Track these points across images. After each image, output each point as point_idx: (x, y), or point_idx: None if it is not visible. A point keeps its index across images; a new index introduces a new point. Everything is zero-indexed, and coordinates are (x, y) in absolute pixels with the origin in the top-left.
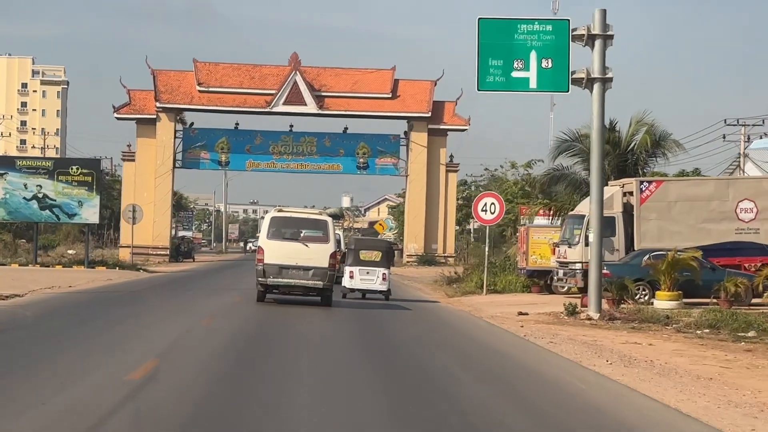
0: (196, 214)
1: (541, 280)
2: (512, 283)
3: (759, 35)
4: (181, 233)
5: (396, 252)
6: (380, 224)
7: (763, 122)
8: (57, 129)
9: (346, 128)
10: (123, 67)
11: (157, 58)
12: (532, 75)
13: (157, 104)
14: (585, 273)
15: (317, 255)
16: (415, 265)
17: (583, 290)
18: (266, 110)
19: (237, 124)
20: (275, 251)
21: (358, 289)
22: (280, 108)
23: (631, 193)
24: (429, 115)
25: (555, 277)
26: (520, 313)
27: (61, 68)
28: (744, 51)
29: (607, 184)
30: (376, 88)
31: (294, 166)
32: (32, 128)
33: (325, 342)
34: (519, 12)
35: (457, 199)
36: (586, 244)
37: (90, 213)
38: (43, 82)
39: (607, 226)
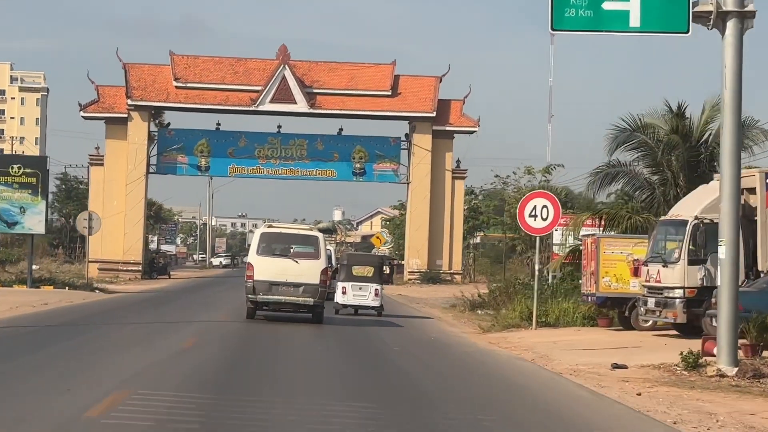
0: (181, 228)
1: (612, 310)
2: (568, 313)
3: None
4: (164, 247)
5: (393, 267)
6: (377, 237)
7: None
8: (36, 138)
9: (340, 129)
10: (108, 76)
11: None
12: (633, 7)
13: (129, 101)
14: (688, 302)
15: (308, 271)
16: (418, 282)
17: (682, 327)
18: (251, 109)
19: (218, 124)
20: (265, 268)
21: (351, 305)
22: (267, 106)
23: (751, 191)
24: (433, 115)
25: (641, 308)
26: (615, 366)
27: (41, 74)
28: None
29: (706, 182)
30: (375, 84)
31: (282, 172)
32: (10, 137)
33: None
34: None
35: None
36: (691, 262)
37: (34, 221)
38: (21, 89)
39: (711, 236)
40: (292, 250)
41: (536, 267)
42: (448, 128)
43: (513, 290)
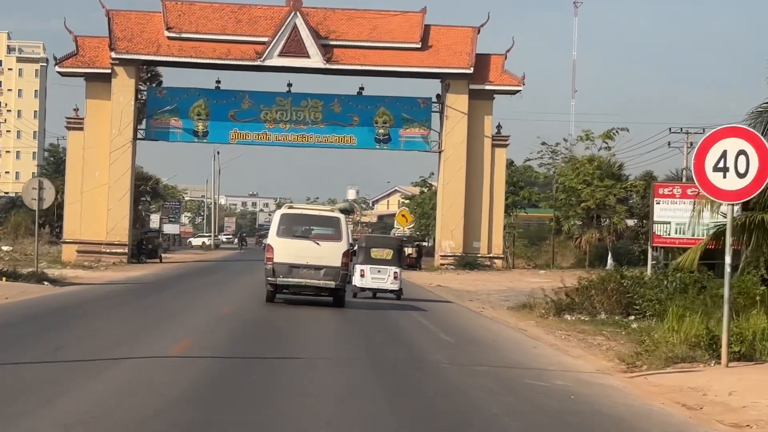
0: (188, 206)
1: None
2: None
3: None
4: (167, 227)
5: (421, 249)
6: (402, 215)
7: None
8: (35, 111)
9: (361, 89)
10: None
11: None
12: None
13: (113, 55)
14: None
15: (329, 254)
16: (452, 268)
17: None
18: (256, 64)
19: (218, 82)
20: (285, 250)
21: (369, 288)
22: (275, 61)
23: None
24: (470, 71)
25: None
26: None
27: (40, 44)
28: None
29: None
30: (402, 36)
31: (293, 138)
32: (7, 109)
33: None
34: None
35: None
36: None
37: None
38: (19, 60)
39: None
40: (313, 232)
41: (728, 260)
42: (487, 87)
43: (616, 288)
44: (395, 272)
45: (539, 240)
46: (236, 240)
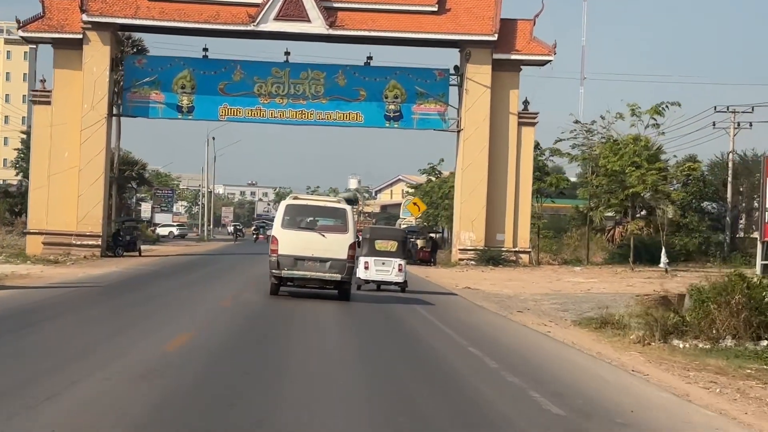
0: (183, 195)
1: None
2: None
3: None
4: (159, 216)
5: (436, 242)
6: (414, 203)
7: None
8: (23, 95)
9: (369, 58)
10: None
11: None
12: None
13: (85, 17)
14: None
15: (335, 246)
16: (473, 264)
17: None
18: (249, 29)
19: (206, 50)
20: (290, 241)
21: (373, 281)
22: (271, 25)
23: None
24: (494, 38)
25: None
26: None
27: None
28: None
29: None
30: None
31: (291, 115)
32: None
33: None
34: None
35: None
36: None
37: None
38: (7, 42)
39: None
40: (318, 224)
41: None
42: (513, 57)
43: (743, 301)
44: (400, 264)
45: (558, 232)
46: (233, 231)
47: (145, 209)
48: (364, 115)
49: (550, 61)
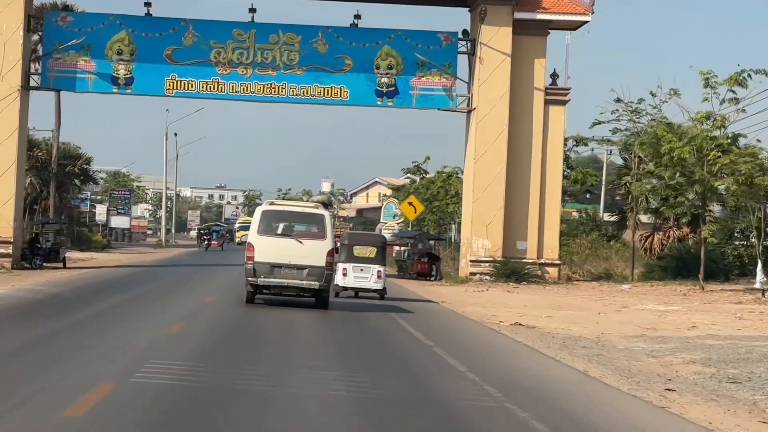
0: (146, 197)
1: None
2: None
3: None
4: (115, 220)
5: (437, 252)
6: (410, 203)
7: None
8: None
9: (357, 18)
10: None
11: None
12: None
13: None
14: None
15: (313, 253)
16: (489, 280)
17: None
18: None
19: (148, 5)
20: (267, 248)
21: (352, 288)
22: None
23: None
24: None
25: None
26: None
27: None
28: None
29: None
30: None
31: (257, 90)
32: None
33: None
34: None
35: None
36: None
37: None
38: None
39: None
40: (295, 230)
41: None
42: (539, 16)
43: None
44: (379, 271)
45: (568, 238)
46: (196, 236)
47: (101, 212)
48: (350, 91)
49: (587, 22)
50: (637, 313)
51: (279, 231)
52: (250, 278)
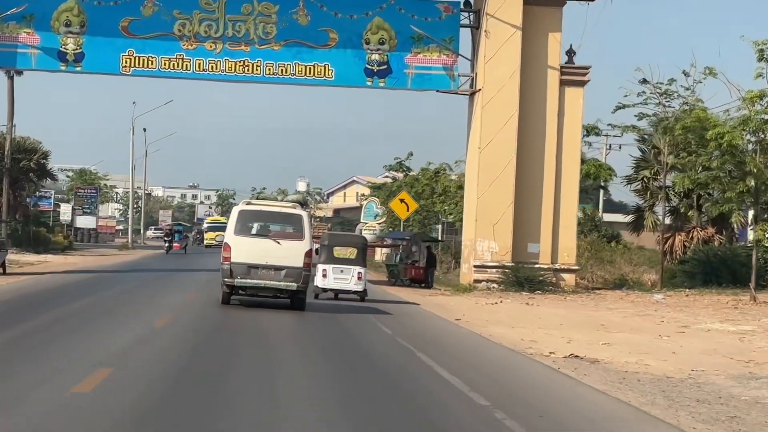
0: (118, 197)
1: None
2: None
3: None
4: (81, 220)
5: (435, 254)
6: (401, 200)
7: None
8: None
9: None
10: None
11: None
12: None
13: None
14: None
15: (290, 253)
16: (497, 288)
17: None
18: None
19: None
20: (243, 249)
21: (331, 289)
22: None
23: None
24: None
25: None
26: None
27: None
28: None
29: None
30: None
31: (228, 68)
32: None
33: None
34: None
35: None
36: None
37: None
38: None
39: None
40: (273, 230)
41: None
42: None
43: None
44: (359, 272)
45: None
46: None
47: (65, 211)
48: (335, 69)
49: None
50: (708, 337)
51: (256, 231)
52: (226, 279)
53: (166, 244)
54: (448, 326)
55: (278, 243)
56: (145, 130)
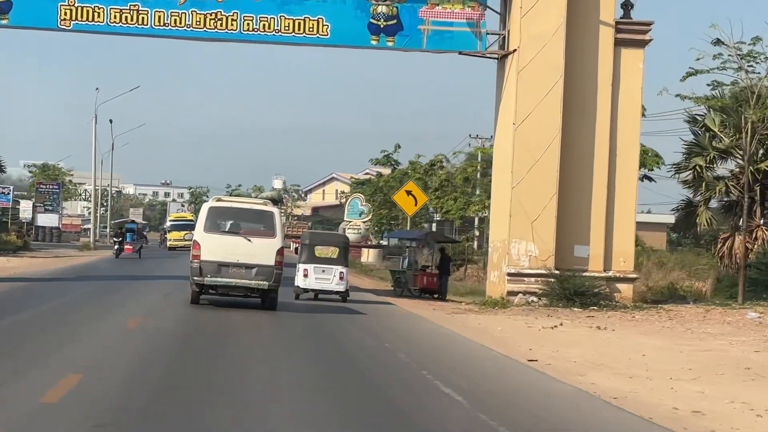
0: (86, 195)
1: None
2: None
3: None
4: (42, 217)
5: (449, 258)
6: (407, 191)
7: None
8: None
9: None
10: None
11: None
12: None
13: None
14: None
15: (262, 251)
16: (537, 302)
17: None
18: None
19: None
20: (213, 246)
21: (313, 290)
22: None
23: None
24: None
25: None
26: None
27: None
28: None
29: None
30: None
31: (197, 23)
32: None
33: None
34: None
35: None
36: None
37: None
38: None
39: None
40: (243, 227)
41: None
42: None
43: None
44: (341, 272)
45: None
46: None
47: (25, 208)
48: (331, 24)
49: None
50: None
51: (226, 228)
52: (195, 278)
53: (116, 246)
54: (532, 377)
55: (249, 240)
56: (111, 121)
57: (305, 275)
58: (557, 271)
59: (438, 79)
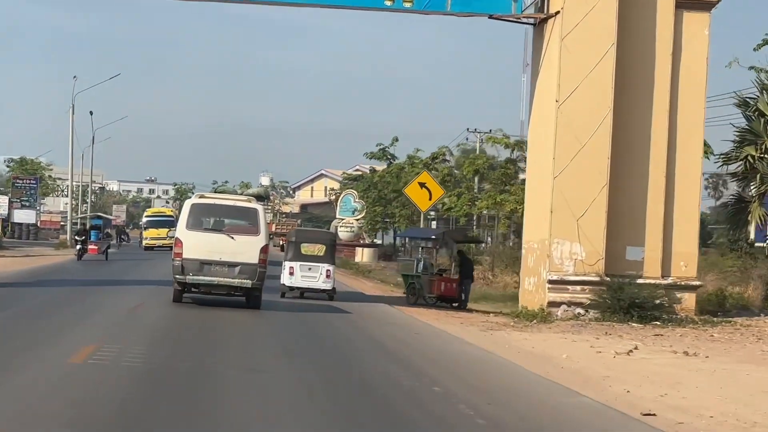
0: (66, 191)
1: None
2: None
3: None
4: (19, 214)
5: (471, 260)
6: (420, 184)
7: None
8: None
9: None
10: None
11: None
12: None
13: None
14: None
15: (245, 249)
16: (584, 314)
17: None
18: None
19: None
20: (196, 244)
21: (299, 288)
22: None
23: None
24: None
25: None
26: None
27: None
28: None
29: None
30: None
31: None
32: None
33: None
34: None
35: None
36: None
37: None
38: None
39: None
40: (226, 225)
41: None
42: None
43: None
44: (328, 270)
45: None
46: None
47: (1, 204)
48: None
49: None
50: None
51: (209, 226)
52: (178, 276)
53: (78, 246)
54: None
55: (232, 238)
56: (91, 113)
57: (291, 273)
58: (611, 279)
59: (437, 75)
